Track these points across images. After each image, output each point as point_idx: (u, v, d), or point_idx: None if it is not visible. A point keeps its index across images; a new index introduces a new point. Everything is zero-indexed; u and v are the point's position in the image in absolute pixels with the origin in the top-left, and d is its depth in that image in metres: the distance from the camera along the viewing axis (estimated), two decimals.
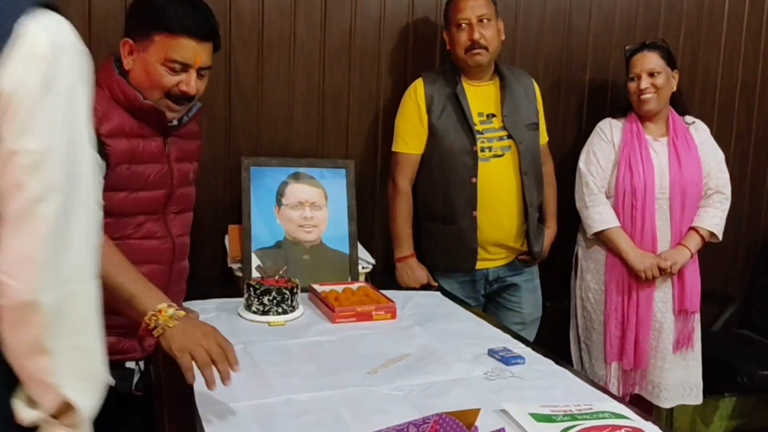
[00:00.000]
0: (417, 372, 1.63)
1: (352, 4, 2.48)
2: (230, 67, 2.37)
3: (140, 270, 1.60)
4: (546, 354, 1.80)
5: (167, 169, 1.73)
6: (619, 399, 1.57)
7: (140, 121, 1.65)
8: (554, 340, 2.64)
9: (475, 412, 1.22)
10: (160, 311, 1.40)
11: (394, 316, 2.01)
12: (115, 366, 1.67)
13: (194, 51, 1.62)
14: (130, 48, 1.65)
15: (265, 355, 1.70)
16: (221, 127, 2.40)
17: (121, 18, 1.82)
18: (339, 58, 2.50)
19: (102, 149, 1.55)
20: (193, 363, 1.36)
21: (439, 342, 1.84)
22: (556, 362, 1.75)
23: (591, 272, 2.59)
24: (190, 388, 1.46)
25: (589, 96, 2.85)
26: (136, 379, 1.75)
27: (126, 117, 1.64)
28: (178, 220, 1.80)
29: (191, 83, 1.64)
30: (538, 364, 1.73)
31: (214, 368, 1.35)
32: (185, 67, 1.63)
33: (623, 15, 2.84)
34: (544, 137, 2.58)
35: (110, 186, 1.60)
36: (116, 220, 1.63)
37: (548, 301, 2.64)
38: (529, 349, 1.81)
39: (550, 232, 2.61)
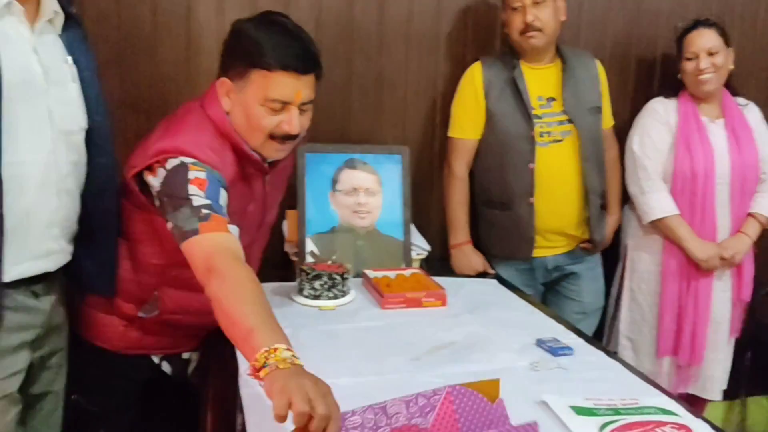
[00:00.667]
0: (460, 360, 1.61)
1: None
2: None
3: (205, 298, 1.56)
4: (598, 346, 1.75)
5: (261, 205, 1.68)
6: (670, 394, 1.50)
7: (243, 161, 1.58)
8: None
9: (495, 384, 1.16)
10: (276, 350, 1.15)
11: (444, 303, 2.00)
12: (172, 357, 1.75)
13: (294, 87, 1.50)
14: (227, 89, 1.55)
15: (313, 339, 1.72)
16: None
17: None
18: (396, 41, 2.48)
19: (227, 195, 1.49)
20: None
21: (487, 330, 1.81)
22: (608, 354, 1.70)
23: (644, 262, 2.49)
24: (235, 372, 1.51)
25: (661, 78, 2.73)
26: (191, 368, 1.82)
27: (235, 160, 1.56)
28: (257, 248, 1.78)
29: (293, 122, 1.52)
30: (588, 355, 1.68)
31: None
32: (285, 105, 1.52)
33: None
34: (608, 121, 2.50)
35: None
36: None
37: None
38: (580, 341, 1.77)
39: (613, 219, 2.53)
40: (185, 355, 1.79)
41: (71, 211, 1.53)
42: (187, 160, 1.47)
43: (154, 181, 1.51)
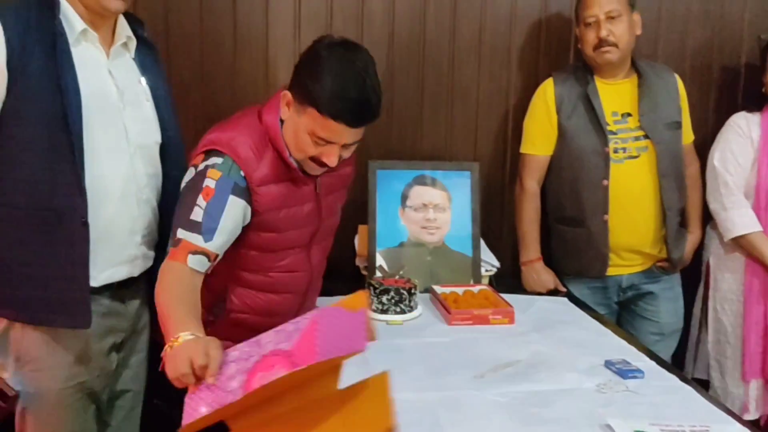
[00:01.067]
0: (525, 379, 1.61)
1: (482, 2, 2.47)
2: None
3: (275, 299, 1.71)
4: (670, 369, 1.70)
5: (315, 206, 1.72)
6: (744, 422, 1.44)
7: (286, 165, 1.63)
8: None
9: (362, 296, 1.23)
10: (177, 338, 1.29)
11: (512, 321, 1.99)
12: None
13: (341, 134, 1.53)
14: (288, 101, 1.60)
15: (378, 354, 1.72)
16: None
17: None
18: (468, 56, 2.49)
19: (250, 195, 1.56)
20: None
21: (554, 350, 1.79)
22: (680, 378, 1.65)
23: (727, 281, 2.39)
24: None
25: (745, 90, 2.62)
26: None
27: (278, 161, 1.60)
28: (320, 249, 1.81)
29: (332, 157, 1.56)
30: (659, 379, 1.64)
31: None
32: (329, 144, 1.55)
33: None
34: (688, 137, 2.42)
35: (258, 227, 1.61)
36: (262, 254, 1.66)
37: None
38: (652, 363, 1.72)
39: (693, 237, 2.44)
40: None
41: (151, 220, 1.65)
42: (213, 161, 1.54)
43: (186, 175, 1.60)
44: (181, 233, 1.49)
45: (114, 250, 1.57)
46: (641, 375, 1.62)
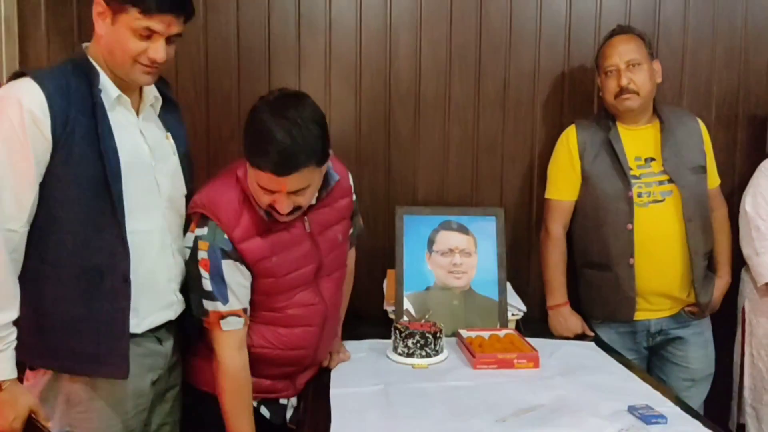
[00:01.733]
0: (547, 424, 1.62)
1: (505, 59, 2.56)
2: (389, 123, 2.56)
3: (292, 333, 1.83)
4: (695, 415, 1.70)
5: (312, 244, 1.79)
6: None
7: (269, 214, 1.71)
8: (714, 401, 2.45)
9: None
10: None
11: (536, 365, 2.01)
12: (270, 402, 1.89)
13: (279, 183, 1.60)
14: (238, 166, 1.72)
15: (403, 396, 1.79)
16: (381, 178, 2.58)
17: None
18: (493, 110, 2.58)
19: (238, 253, 1.69)
20: None
21: (578, 394, 1.80)
22: (704, 423, 1.64)
23: (763, 326, 2.36)
24: (328, 420, 1.62)
25: None
26: (290, 413, 1.94)
27: (256, 213, 1.69)
28: (331, 281, 1.88)
29: (281, 204, 1.64)
30: (683, 424, 1.63)
31: None
32: (273, 192, 1.63)
33: None
34: (714, 181, 2.43)
35: (257, 275, 1.74)
36: (269, 297, 1.78)
37: None
38: (677, 409, 1.72)
39: (722, 282, 2.43)
40: (283, 401, 1.91)
41: (183, 267, 1.76)
42: (200, 231, 1.70)
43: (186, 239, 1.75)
44: (205, 304, 1.70)
45: (155, 299, 1.68)
46: (664, 421, 1.63)
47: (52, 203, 1.53)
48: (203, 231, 1.70)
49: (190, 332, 1.82)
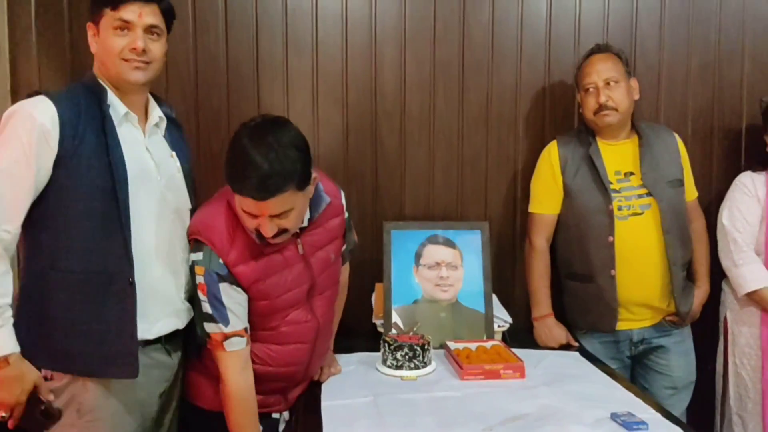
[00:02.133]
0: None
1: (488, 74, 2.62)
2: (376, 139, 2.61)
3: (284, 350, 1.87)
4: (676, 421, 1.75)
5: (305, 266, 1.84)
6: None
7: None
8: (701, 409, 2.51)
9: None
10: None
11: (522, 376, 2.05)
12: (263, 417, 1.92)
13: (260, 207, 1.64)
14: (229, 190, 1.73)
15: (392, 407, 1.83)
16: (369, 193, 2.63)
17: None
18: (476, 125, 2.64)
19: (233, 277, 1.74)
20: None
21: (562, 403, 1.85)
22: (685, 429, 1.70)
23: (744, 335, 2.43)
24: (320, 430, 1.68)
25: (747, 149, 2.71)
26: (282, 427, 1.97)
27: (249, 238, 1.73)
28: (323, 300, 1.93)
29: (265, 228, 1.66)
30: (664, 430, 1.69)
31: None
32: (257, 216, 1.67)
33: None
34: (691, 193, 2.51)
35: (252, 297, 1.79)
36: (263, 318, 1.83)
37: None
38: (658, 415, 1.77)
39: (701, 291, 2.50)
40: (275, 415, 1.94)
41: (189, 277, 1.82)
42: (196, 256, 1.75)
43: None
44: (207, 327, 1.75)
45: (163, 305, 1.76)
46: (645, 427, 1.68)
47: (63, 213, 1.62)
48: (198, 256, 1.75)
49: (190, 347, 1.87)
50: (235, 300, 1.76)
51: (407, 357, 2.08)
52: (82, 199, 1.62)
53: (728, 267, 2.43)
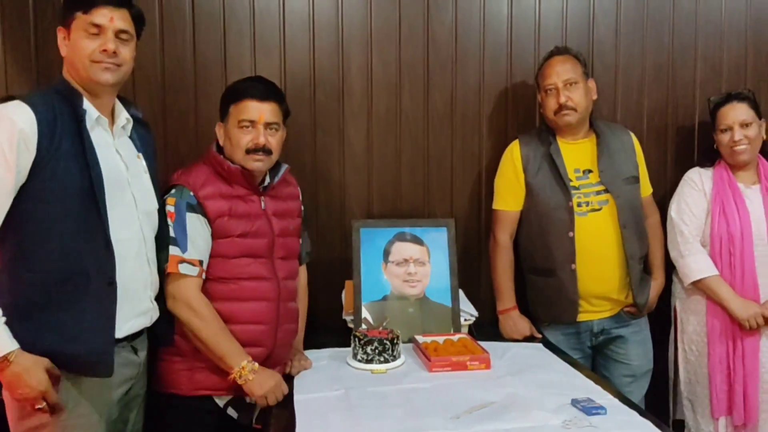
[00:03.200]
0: (497, 419, 1.74)
1: (452, 75, 2.70)
2: (343, 138, 2.66)
3: (249, 307, 1.98)
4: (632, 406, 1.84)
5: (266, 221, 2.05)
6: None
7: (236, 184, 2.02)
8: (660, 395, 2.62)
9: None
10: (243, 368, 1.91)
11: (488, 367, 2.13)
12: (238, 402, 1.97)
13: (259, 110, 2.00)
14: (219, 127, 2.08)
15: (363, 400, 1.89)
16: (337, 192, 2.68)
17: None
18: (442, 124, 2.71)
19: (201, 208, 1.96)
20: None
21: (526, 391, 1.93)
22: (641, 413, 1.79)
23: (692, 324, 2.55)
24: (293, 422, 1.74)
25: (699, 145, 2.83)
26: (256, 413, 2.02)
27: (222, 184, 2.01)
28: (284, 265, 2.09)
29: (260, 138, 1.99)
30: (621, 414, 1.77)
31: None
32: (253, 124, 1.99)
33: (731, 64, 2.83)
34: (647, 189, 2.61)
35: (216, 234, 1.97)
36: (224, 260, 1.98)
37: None
38: (615, 401, 1.86)
39: (657, 283, 2.61)
40: (250, 400, 1.99)
41: (156, 276, 1.89)
42: (169, 193, 1.98)
43: None
44: (170, 249, 1.92)
45: (133, 305, 1.80)
46: (604, 411, 1.77)
47: (41, 216, 1.64)
48: (172, 192, 1.98)
49: (163, 337, 1.94)
50: (198, 232, 1.95)
51: (377, 351, 2.14)
52: (59, 202, 1.65)
53: (675, 258, 2.55)
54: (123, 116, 1.86)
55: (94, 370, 1.69)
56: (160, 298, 1.93)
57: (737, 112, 2.48)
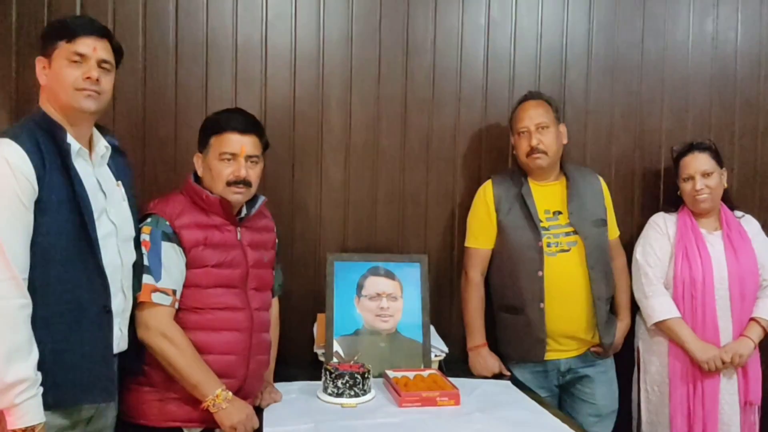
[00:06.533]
0: None
1: (429, 113, 2.77)
2: (321, 172, 2.70)
3: (222, 337, 1.99)
4: None
5: (241, 252, 2.08)
6: None
7: (213, 214, 2.06)
8: None
9: None
10: (217, 396, 1.91)
11: (457, 403, 2.16)
12: None
13: (240, 143, 2.05)
14: (198, 158, 2.11)
15: None
16: (313, 225, 2.71)
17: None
18: (417, 162, 2.77)
19: (177, 237, 1.98)
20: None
21: (494, 428, 1.96)
22: None
23: (654, 365, 2.61)
24: None
25: (665, 191, 2.92)
26: None
27: (199, 213, 2.04)
28: (257, 296, 2.12)
29: (240, 171, 2.04)
30: None
31: None
32: (234, 157, 2.03)
33: (696, 113, 2.95)
34: (614, 232, 2.69)
35: (191, 264, 1.99)
36: (198, 291, 1.99)
37: None
38: None
39: (623, 324, 2.67)
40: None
41: (129, 304, 1.89)
42: (145, 222, 1.99)
43: None
44: (144, 278, 1.93)
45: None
46: None
47: (36, 250, 1.64)
48: (148, 221, 2.00)
49: (133, 366, 1.94)
50: (173, 261, 1.97)
51: (348, 385, 2.15)
52: (53, 236, 1.66)
53: (639, 298, 2.62)
54: (101, 144, 1.88)
55: (95, 396, 1.72)
56: (130, 327, 1.91)
57: (699, 162, 2.58)
